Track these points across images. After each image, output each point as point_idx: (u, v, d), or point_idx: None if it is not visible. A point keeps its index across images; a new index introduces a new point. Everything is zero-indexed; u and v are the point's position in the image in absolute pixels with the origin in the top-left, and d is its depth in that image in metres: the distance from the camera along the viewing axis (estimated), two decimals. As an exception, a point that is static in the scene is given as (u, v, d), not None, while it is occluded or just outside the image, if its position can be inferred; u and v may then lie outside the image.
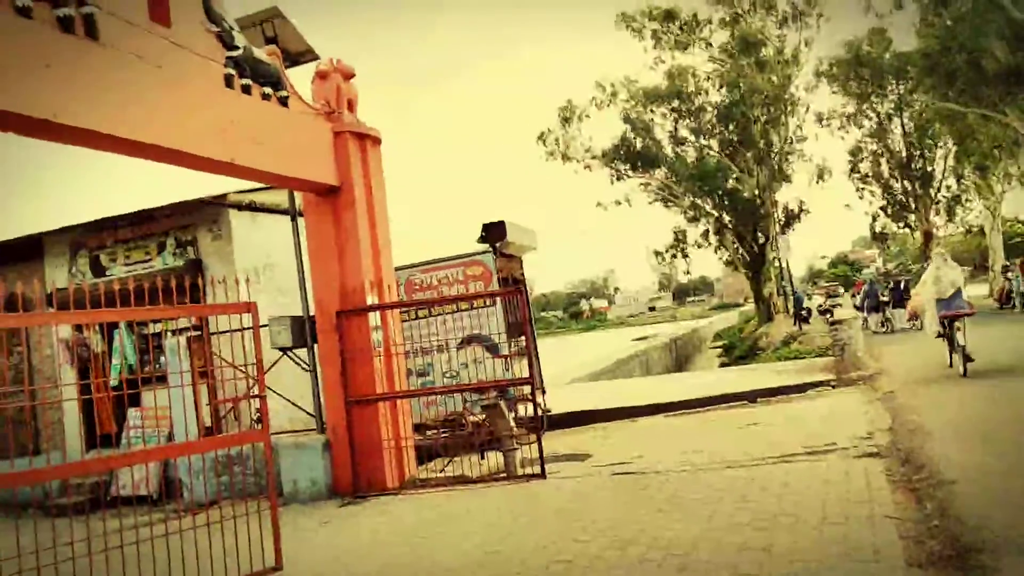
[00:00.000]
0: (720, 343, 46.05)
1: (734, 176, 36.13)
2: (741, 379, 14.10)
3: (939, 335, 11.37)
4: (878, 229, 40.71)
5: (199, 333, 9.59)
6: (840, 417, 9.13)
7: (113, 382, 10.20)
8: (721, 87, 35.22)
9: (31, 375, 10.97)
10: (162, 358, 9.86)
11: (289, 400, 9.63)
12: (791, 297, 31.49)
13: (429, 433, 9.68)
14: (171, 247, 10.54)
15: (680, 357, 37.60)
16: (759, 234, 36.55)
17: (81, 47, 5.75)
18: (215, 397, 9.37)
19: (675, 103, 36.29)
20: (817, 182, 37.00)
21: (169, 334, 9.50)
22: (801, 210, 37.78)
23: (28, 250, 11.40)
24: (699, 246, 39.41)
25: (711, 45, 36.17)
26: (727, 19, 35.40)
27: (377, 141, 9.39)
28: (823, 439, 7.84)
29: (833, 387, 11.79)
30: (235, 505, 6.12)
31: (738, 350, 33.79)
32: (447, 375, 10.56)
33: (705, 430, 9.62)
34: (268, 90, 7.80)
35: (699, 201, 37.20)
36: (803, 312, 27.94)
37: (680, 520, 5.57)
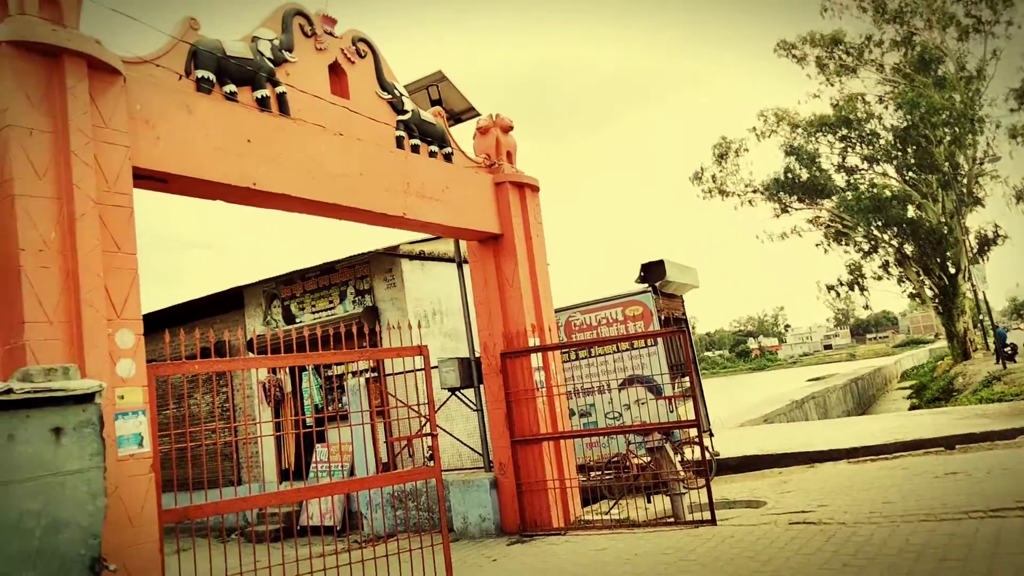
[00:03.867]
0: (908, 383, 42.09)
1: (916, 203, 33.24)
2: (935, 423, 12.79)
3: None
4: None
5: (376, 374, 10.26)
6: (1060, 467, 8.03)
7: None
8: (897, 109, 32.74)
9: (234, 413, 12.22)
10: (344, 398, 10.64)
11: (457, 438, 10.00)
12: (992, 332, 28.21)
13: (593, 474, 9.63)
14: (351, 295, 11.42)
15: (862, 399, 34.76)
16: (948, 264, 33.21)
17: (275, 123, 6.50)
18: (391, 435, 9.92)
19: (843, 131, 34.21)
20: (1017, 203, 33.17)
21: (350, 376, 10.24)
22: (997, 236, 33.93)
23: (231, 302, 12.81)
24: (878, 278, 36.44)
25: (883, 67, 33.95)
26: (899, 39, 33.15)
27: (535, 189, 9.70)
28: (1039, 491, 6.93)
29: (1050, 433, 10.39)
30: (410, 538, 6.42)
31: (930, 391, 30.65)
32: (609, 416, 10.50)
33: (896, 479, 8.81)
34: (434, 148, 8.35)
35: (875, 232, 34.52)
36: (1007, 349, 24.91)
37: None
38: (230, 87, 6.18)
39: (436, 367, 9.35)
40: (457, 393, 9.71)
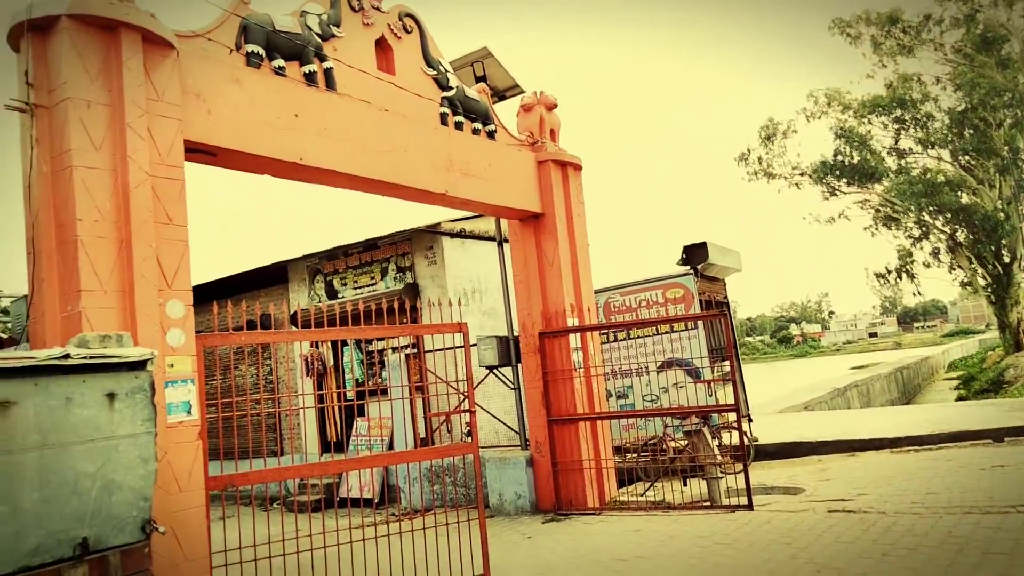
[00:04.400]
0: (956, 374, 41.01)
1: (971, 189, 32.11)
2: (983, 414, 12.46)
3: None
4: None
5: (416, 351, 10.36)
6: (1116, 464, 7.77)
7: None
8: (956, 90, 31.47)
9: (277, 385, 12.49)
10: (384, 373, 10.79)
11: (495, 416, 10.08)
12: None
13: (629, 456, 9.62)
14: (392, 272, 11.53)
15: (907, 388, 34.02)
16: (1003, 252, 32.07)
17: (322, 98, 6.55)
18: (429, 410, 10.04)
19: (897, 112, 33.09)
20: (1079, 190, 31.78)
21: (391, 351, 10.36)
22: (1057, 224, 32.59)
23: (276, 275, 13.03)
24: (927, 266, 35.37)
25: (942, 46, 32.70)
26: (960, 16, 31.87)
27: (578, 168, 9.62)
28: (1093, 489, 6.72)
29: (1106, 429, 10.04)
30: (447, 513, 6.51)
31: (979, 382, 29.82)
32: (647, 398, 10.46)
33: (940, 470, 8.63)
34: (478, 125, 8.33)
35: (927, 217, 33.45)
36: (1064, 341, 24.04)
37: (910, 568, 5.05)
38: (279, 61, 6.24)
39: (475, 345, 9.41)
40: (495, 371, 9.77)
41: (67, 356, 3.18)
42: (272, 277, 13.04)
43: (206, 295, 11.19)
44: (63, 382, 3.15)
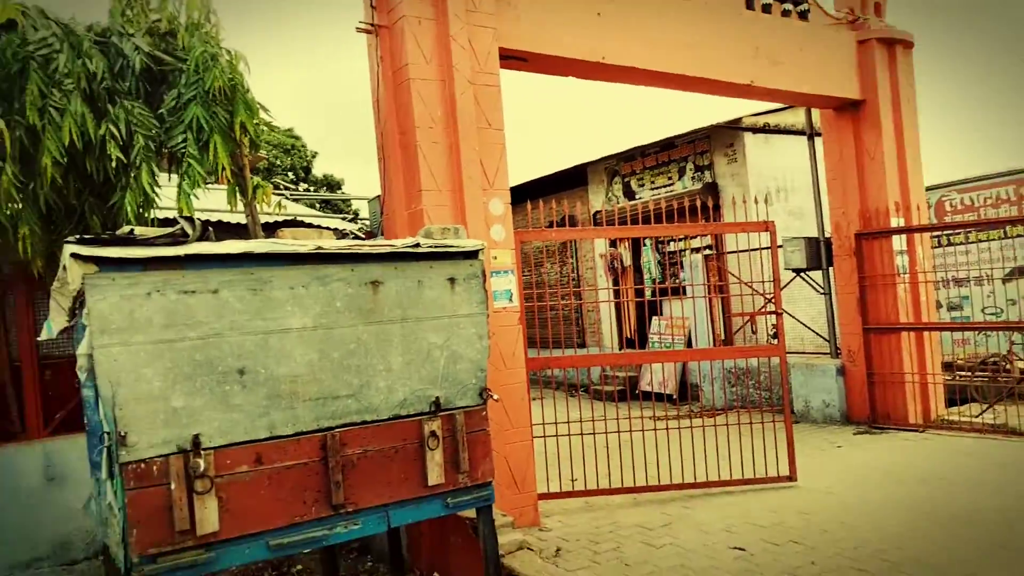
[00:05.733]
0: None
1: None
2: None
3: None
4: None
5: (714, 252, 10.15)
6: None
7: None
8: None
9: (580, 281, 13.17)
10: (681, 273, 10.78)
11: (800, 321, 9.58)
12: None
13: (961, 375, 8.54)
14: (690, 171, 11.26)
15: None
16: None
17: (623, -9, 6.42)
18: (730, 311, 9.83)
19: None
20: None
21: (689, 252, 10.27)
22: None
23: (575, 178, 13.49)
24: None
25: None
26: None
27: (909, 46, 8.37)
28: None
29: None
30: (750, 413, 6.45)
31: None
32: (988, 311, 9.11)
33: None
34: (788, 5, 7.57)
35: None
36: None
37: None
38: (583, -40, 6.22)
39: (780, 246, 8.90)
40: (802, 274, 9.21)
41: (417, 245, 3.66)
42: (572, 180, 13.51)
43: (513, 197, 11.99)
44: (415, 267, 3.66)
